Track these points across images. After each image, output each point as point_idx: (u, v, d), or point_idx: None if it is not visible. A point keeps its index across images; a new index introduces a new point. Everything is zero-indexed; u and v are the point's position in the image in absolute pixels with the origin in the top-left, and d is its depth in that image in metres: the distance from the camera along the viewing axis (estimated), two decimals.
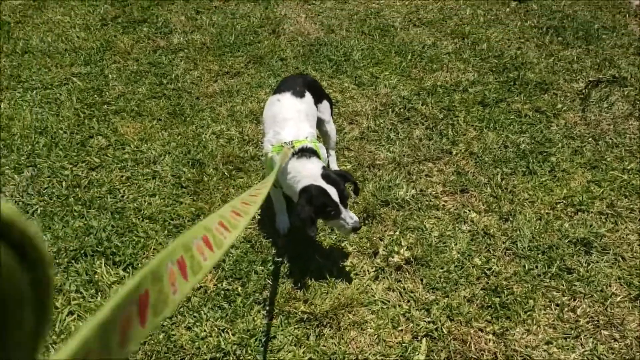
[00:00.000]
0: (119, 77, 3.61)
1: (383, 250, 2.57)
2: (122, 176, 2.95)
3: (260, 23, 4.13)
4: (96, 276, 2.45)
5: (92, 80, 3.59)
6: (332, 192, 2.18)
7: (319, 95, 2.73)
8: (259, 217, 2.72)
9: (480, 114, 3.34)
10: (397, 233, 2.64)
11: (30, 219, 2.74)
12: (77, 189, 2.87)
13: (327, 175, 2.23)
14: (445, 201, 2.82)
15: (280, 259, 2.53)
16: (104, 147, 3.12)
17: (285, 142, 2.31)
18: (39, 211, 2.76)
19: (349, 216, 2.21)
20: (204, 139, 3.13)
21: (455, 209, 2.77)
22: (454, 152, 3.09)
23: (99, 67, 3.70)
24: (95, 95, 3.46)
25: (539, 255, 2.53)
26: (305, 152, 2.28)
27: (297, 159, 2.27)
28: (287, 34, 4.02)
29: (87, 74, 3.65)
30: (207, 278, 2.48)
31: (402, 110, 3.37)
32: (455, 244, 2.58)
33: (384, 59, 3.79)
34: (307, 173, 2.24)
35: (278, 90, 2.63)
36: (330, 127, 2.83)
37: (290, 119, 2.42)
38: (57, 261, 2.51)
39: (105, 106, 3.39)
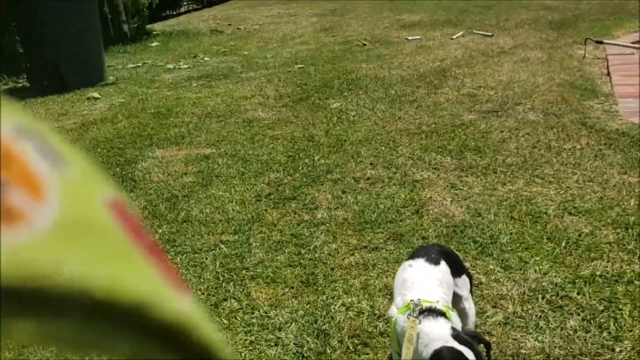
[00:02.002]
0: (261, 246, 3.72)
1: None
2: (246, 340, 2.87)
3: (404, 204, 4.14)
4: None
5: (237, 248, 3.74)
6: (468, 353, 1.89)
7: (458, 269, 2.53)
8: None
9: None
10: None
11: None
12: None
13: (457, 335, 1.96)
14: None
15: None
16: (234, 310, 3.11)
17: (412, 300, 2.11)
18: None
19: None
20: (332, 310, 3.01)
21: None
22: (617, 349, 2.61)
23: (245, 235, 3.87)
24: (236, 261, 3.57)
25: None
26: (432, 312, 2.05)
27: (422, 319, 2.04)
28: (431, 214, 3.96)
29: (234, 241, 3.82)
30: None
31: (554, 297, 3.01)
32: None
33: (535, 244, 3.52)
34: (434, 335, 1.98)
35: (411, 256, 2.50)
36: (469, 305, 2.56)
37: (421, 283, 2.24)
38: None
39: (244, 271, 3.46)
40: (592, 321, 2.83)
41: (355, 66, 8.35)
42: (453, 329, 2.02)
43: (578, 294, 3.04)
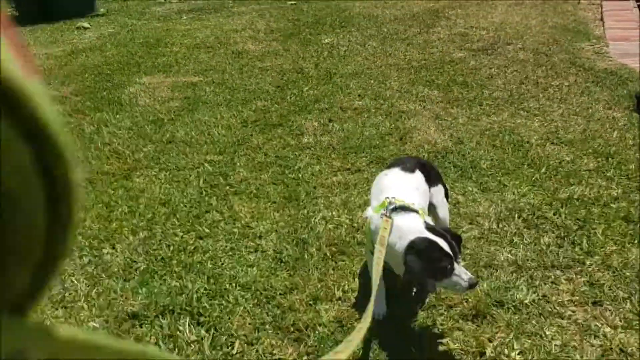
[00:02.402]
0: (245, 166, 3.75)
1: (491, 351, 2.20)
2: (226, 247, 2.93)
3: (389, 131, 4.16)
4: (178, 332, 2.37)
5: (221, 167, 3.76)
6: (443, 243, 1.94)
7: (433, 179, 2.56)
8: (354, 299, 2.51)
9: (623, 230, 2.94)
10: (511, 336, 2.26)
11: (132, 274, 2.77)
12: (182, 253, 2.89)
13: (431, 228, 2.01)
14: (573, 311, 2.41)
15: (370, 346, 2.26)
16: (216, 221, 3.16)
17: (386, 197, 2.14)
18: (141, 268, 2.80)
19: (463, 272, 1.94)
20: (312, 222, 3.06)
21: (584, 321, 2.34)
22: (588, 263, 2.69)
23: (230, 156, 3.90)
24: (220, 178, 3.61)
25: None
26: (405, 209, 2.09)
27: (396, 215, 2.07)
28: (414, 141, 3.99)
29: (218, 161, 3.84)
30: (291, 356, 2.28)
31: (530, 216, 3.07)
32: (582, 356, 2.15)
33: (515, 170, 3.57)
34: (408, 228, 2.02)
35: (387, 167, 2.54)
36: (443, 213, 2.60)
37: (397, 189, 2.27)
38: (145, 314, 2.48)
39: (227, 187, 3.50)
40: (565, 238, 2.90)
41: (349, 4, 8.24)
42: (426, 223, 2.07)
43: (554, 214, 3.10)
